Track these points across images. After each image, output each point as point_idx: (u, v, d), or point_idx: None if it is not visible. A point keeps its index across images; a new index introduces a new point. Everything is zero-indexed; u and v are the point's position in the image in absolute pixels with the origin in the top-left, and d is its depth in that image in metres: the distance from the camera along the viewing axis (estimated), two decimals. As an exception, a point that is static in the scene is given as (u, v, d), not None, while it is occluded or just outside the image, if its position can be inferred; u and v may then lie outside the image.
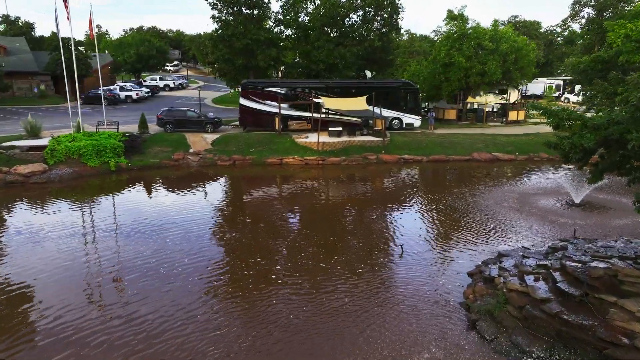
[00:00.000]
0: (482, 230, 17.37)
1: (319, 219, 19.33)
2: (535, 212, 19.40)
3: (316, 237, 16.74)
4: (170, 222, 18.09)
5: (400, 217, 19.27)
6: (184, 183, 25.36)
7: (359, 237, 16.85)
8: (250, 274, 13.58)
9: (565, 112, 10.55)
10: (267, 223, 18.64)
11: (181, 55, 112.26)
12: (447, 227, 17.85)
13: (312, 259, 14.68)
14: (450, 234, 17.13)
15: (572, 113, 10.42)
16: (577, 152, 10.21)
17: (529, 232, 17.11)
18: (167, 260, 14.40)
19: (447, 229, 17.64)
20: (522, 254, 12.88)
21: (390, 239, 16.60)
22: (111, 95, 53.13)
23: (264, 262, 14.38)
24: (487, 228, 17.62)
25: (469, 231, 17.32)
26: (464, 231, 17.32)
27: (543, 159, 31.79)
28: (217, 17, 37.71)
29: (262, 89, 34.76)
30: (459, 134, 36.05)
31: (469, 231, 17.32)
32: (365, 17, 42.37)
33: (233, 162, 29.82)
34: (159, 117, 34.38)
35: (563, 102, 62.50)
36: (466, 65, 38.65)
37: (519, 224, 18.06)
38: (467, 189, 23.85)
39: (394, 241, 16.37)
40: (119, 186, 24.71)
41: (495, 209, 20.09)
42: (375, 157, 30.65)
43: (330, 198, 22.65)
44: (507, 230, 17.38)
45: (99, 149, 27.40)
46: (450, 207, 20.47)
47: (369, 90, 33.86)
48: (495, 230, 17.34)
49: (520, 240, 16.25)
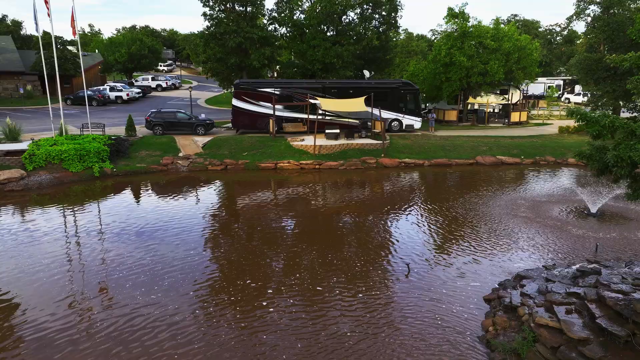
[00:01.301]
0: (494, 244, 15.91)
1: (315, 230, 17.81)
2: (549, 223, 17.96)
3: (313, 252, 15.22)
4: (153, 238, 16.53)
5: (403, 229, 17.78)
6: (171, 190, 23.78)
7: (360, 252, 15.35)
8: (237, 299, 12.05)
9: (607, 118, 8.95)
10: (258, 236, 17.10)
11: (175, 54, 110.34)
12: (456, 241, 16.38)
13: (307, 279, 13.17)
14: (459, 248, 15.66)
15: (616, 119, 8.88)
16: (624, 167, 8.59)
17: (545, 246, 15.65)
18: (148, 291, 12.84)
19: (456, 243, 16.16)
20: (545, 276, 11.42)
21: (394, 255, 15.11)
22: (101, 96, 51.43)
23: (254, 285, 12.85)
24: (500, 241, 16.16)
25: (480, 245, 15.85)
26: (475, 245, 15.86)
27: (549, 162, 30.38)
28: (208, 15, 36.08)
29: (256, 89, 33.22)
30: (460, 136, 34.64)
31: (480, 245, 15.85)
32: (363, 14, 40.89)
33: (225, 166, 28.26)
34: (148, 119, 32.79)
35: (563, 103, 61.30)
36: (467, 64, 37.27)
37: (534, 236, 16.61)
38: (473, 196, 22.40)
39: (398, 257, 14.87)
40: (102, 193, 23.10)
41: (506, 218, 18.64)
42: (375, 161, 29.15)
43: (327, 207, 21.14)
44: (521, 243, 15.92)
45: (81, 154, 25.77)
46: (458, 217, 19.01)
47: (367, 91, 32.39)
48: (508, 244, 15.88)
49: (538, 256, 14.80)
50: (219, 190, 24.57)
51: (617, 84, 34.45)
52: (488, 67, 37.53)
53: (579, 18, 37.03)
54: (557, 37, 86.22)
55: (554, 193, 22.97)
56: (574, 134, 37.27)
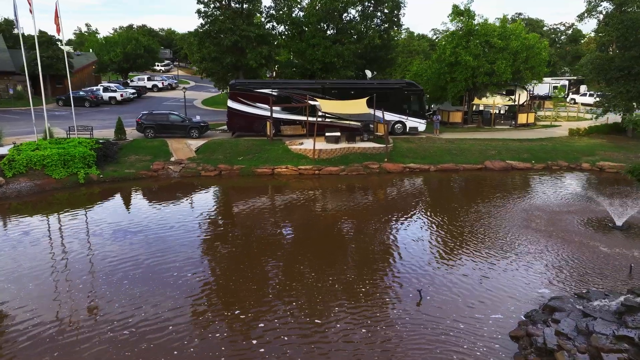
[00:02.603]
0: (512, 264, 14.30)
1: (314, 247, 16.19)
2: (571, 238, 16.34)
3: (311, 273, 13.60)
4: (134, 256, 14.93)
5: (410, 245, 16.16)
6: (160, 198, 22.16)
7: (363, 273, 13.74)
8: (223, 336, 10.46)
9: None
10: (251, 255, 15.47)
11: (173, 54, 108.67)
12: (469, 259, 14.77)
13: (304, 310, 11.55)
14: (473, 268, 14.05)
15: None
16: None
17: (571, 267, 14.04)
18: (131, 317, 11.25)
19: (469, 261, 14.55)
20: (582, 309, 9.81)
21: (401, 278, 13.48)
22: (93, 96, 49.87)
23: (244, 317, 11.24)
24: (519, 260, 14.55)
25: (496, 264, 14.25)
26: (490, 264, 14.25)
27: (562, 168, 28.76)
28: (202, 12, 34.41)
29: (253, 90, 31.60)
30: (467, 139, 33.03)
31: (496, 264, 14.25)
32: (365, 12, 39.21)
33: (219, 172, 26.65)
34: (139, 122, 31.20)
35: (569, 103, 59.65)
36: (473, 64, 35.65)
37: (555, 254, 15.00)
38: (484, 205, 20.79)
39: (406, 279, 13.26)
40: (86, 202, 21.48)
41: (522, 232, 17.03)
42: (378, 166, 27.53)
43: (326, 218, 19.52)
44: (543, 263, 14.31)
45: (66, 159, 24.17)
46: (469, 230, 17.40)
47: (369, 92, 30.80)
48: (529, 264, 14.27)
49: (564, 278, 13.18)
50: (211, 199, 22.94)
51: (631, 84, 32.82)
52: (495, 66, 35.93)
53: (591, 15, 35.35)
54: (561, 36, 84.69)
55: (572, 202, 21.34)
56: (585, 137, 35.70)
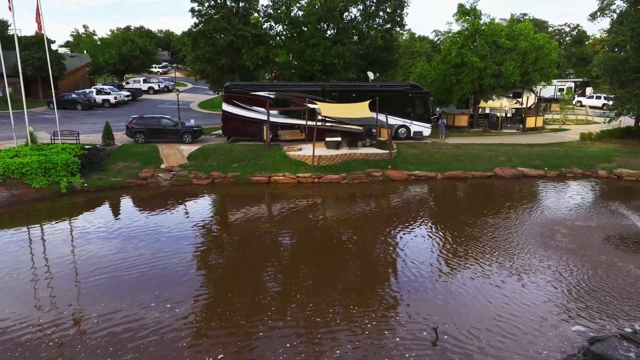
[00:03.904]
0: (536, 291, 12.63)
1: (312, 271, 14.52)
2: (598, 258, 14.69)
3: (309, 305, 11.93)
4: (113, 276, 13.29)
5: (420, 268, 14.47)
6: (148, 208, 20.51)
7: (370, 306, 12.07)
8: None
9: None
10: (238, 276, 13.83)
11: (171, 56, 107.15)
12: (485, 284, 13.11)
13: (302, 352, 9.90)
14: (490, 296, 12.39)
15: None
16: None
17: (604, 294, 12.37)
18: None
19: (487, 288, 12.88)
20: (634, 357, 8.15)
21: (413, 311, 11.81)
22: (86, 99, 48.25)
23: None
24: (542, 286, 12.88)
25: (517, 291, 12.58)
26: (511, 292, 12.59)
27: (577, 175, 27.06)
28: (196, 11, 32.82)
29: (249, 92, 29.96)
30: (474, 144, 31.39)
31: (517, 291, 12.58)
32: (367, 11, 37.64)
33: (212, 180, 25.02)
34: (128, 126, 29.57)
35: (575, 106, 58.04)
36: (480, 65, 34.04)
37: (583, 277, 13.34)
38: (497, 218, 19.13)
39: (419, 316, 11.57)
40: (66, 214, 19.87)
41: (542, 250, 15.38)
42: (381, 173, 25.87)
43: (326, 235, 17.86)
44: (571, 290, 12.65)
45: (47, 167, 22.54)
46: (482, 248, 15.74)
47: (371, 94, 29.17)
48: (555, 291, 12.60)
49: (600, 310, 11.51)
50: (201, 211, 21.21)
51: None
52: (503, 68, 34.34)
53: (604, 14, 33.80)
54: (566, 37, 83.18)
55: (593, 214, 19.67)
56: (597, 141, 34.06)
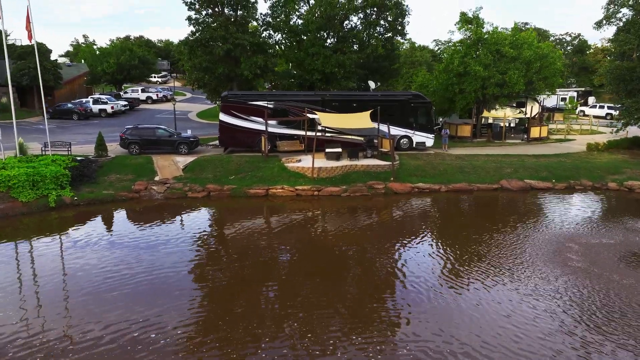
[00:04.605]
0: (550, 320, 11.64)
1: (308, 294, 13.55)
2: (620, 280, 13.71)
3: (306, 336, 10.95)
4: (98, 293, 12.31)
5: (421, 294, 13.51)
6: (137, 223, 19.56)
7: (366, 332, 11.09)
8: None
9: None
10: (231, 301, 12.85)
11: (170, 65, 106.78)
12: (495, 314, 12.11)
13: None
14: (502, 329, 11.40)
15: None
16: None
17: (635, 326, 11.39)
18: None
19: (496, 319, 11.90)
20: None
21: (419, 341, 10.83)
22: (82, 109, 47.44)
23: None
24: (561, 315, 11.89)
25: (530, 321, 11.58)
26: (523, 323, 11.59)
27: (586, 188, 26.10)
28: (193, 19, 32.11)
29: (247, 102, 29.16)
30: (478, 155, 30.51)
31: (530, 321, 11.58)
32: (367, 20, 36.97)
33: (207, 193, 24.08)
34: (122, 137, 28.72)
35: (577, 115, 57.21)
36: (484, 74, 33.27)
37: (605, 304, 12.37)
38: (506, 234, 18.18)
39: (427, 346, 10.60)
40: (53, 229, 18.90)
41: (558, 271, 14.41)
42: (383, 186, 24.95)
43: (325, 252, 16.89)
44: (594, 319, 11.66)
45: (35, 180, 21.61)
46: (491, 269, 14.78)
47: (373, 104, 28.36)
48: (573, 320, 11.61)
49: (623, 344, 10.53)
50: (194, 226, 20.18)
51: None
52: (507, 77, 33.59)
53: (609, 22, 33.06)
54: (567, 46, 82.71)
55: (607, 231, 18.70)
56: (605, 152, 33.18)
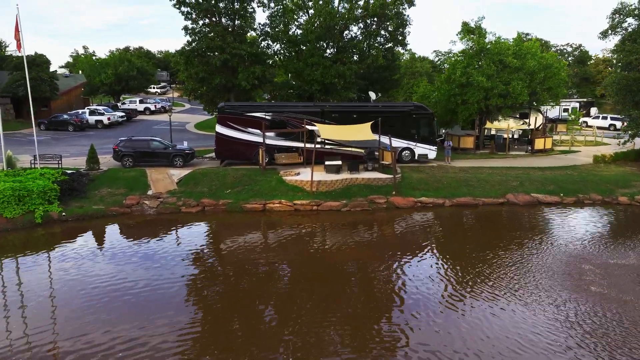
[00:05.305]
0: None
1: (307, 322, 12.54)
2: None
3: None
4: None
5: (420, 323, 12.51)
6: (127, 240, 18.59)
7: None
8: None
9: None
10: (226, 329, 11.84)
11: (170, 76, 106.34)
12: (504, 352, 11.10)
13: None
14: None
15: None
16: None
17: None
18: None
19: (516, 348, 10.89)
20: None
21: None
22: (78, 120, 46.62)
23: None
24: (583, 356, 10.88)
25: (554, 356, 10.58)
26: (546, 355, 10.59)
27: (596, 202, 25.10)
28: (190, 29, 31.40)
29: (244, 113, 28.31)
30: (482, 167, 29.61)
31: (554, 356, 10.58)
32: (368, 30, 36.33)
33: (202, 208, 23.12)
34: (116, 149, 27.84)
35: (580, 126, 56.39)
36: (487, 85, 32.51)
37: (635, 336, 11.34)
38: (514, 252, 17.20)
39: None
40: (37, 247, 17.90)
41: (575, 296, 13.41)
42: (385, 200, 23.98)
43: (323, 272, 15.90)
44: (620, 355, 10.65)
45: (21, 194, 20.67)
46: (500, 293, 13.77)
47: (373, 115, 27.53)
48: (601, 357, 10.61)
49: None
50: (186, 243, 19.14)
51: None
52: (510, 87, 32.83)
53: (615, 32, 32.41)
54: (568, 57, 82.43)
55: (625, 250, 17.70)
56: (612, 164, 32.27)
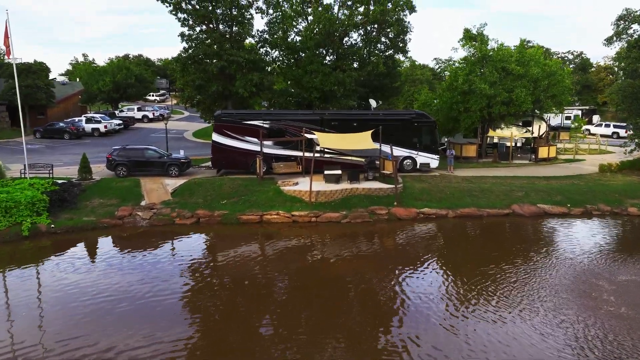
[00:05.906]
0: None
1: (305, 338, 11.71)
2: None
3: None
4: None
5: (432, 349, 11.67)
6: (117, 253, 17.75)
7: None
8: None
9: None
10: (221, 343, 11.00)
11: (169, 84, 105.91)
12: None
13: None
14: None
15: None
16: None
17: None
18: None
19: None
20: None
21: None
22: (74, 128, 45.91)
23: None
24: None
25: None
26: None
27: (605, 213, 24.26)
28: (186, 35, 30.77)
29: (241, 121, 27.58)
30: (486, 177, 28.82)
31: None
32: (368, 36, 35.71)
33: (197, 219, 22.32)
34: (109, 158, 27.06)
35: (583, 134, 55.65)
36: (489, 92, 31.83)
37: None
38: (521, 268, 16.37)
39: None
40: (22, 261, 17.05)
41: (592, 318, 12.55)
42: (386, 211, 23.17)
43: (322, 289, 15.07)
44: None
45: (7, 206, 19.91)
46: (508, 315, 12.93)
47: (374, 124, 26.80)
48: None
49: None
50: (178, 256, 18.35)
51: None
52: (513, 95, 32.16)
53: (620, 39, 31.80)
54: (570, 65, 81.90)
55: (638, 264, 16.87)
56: (618, 174, 31.46)
